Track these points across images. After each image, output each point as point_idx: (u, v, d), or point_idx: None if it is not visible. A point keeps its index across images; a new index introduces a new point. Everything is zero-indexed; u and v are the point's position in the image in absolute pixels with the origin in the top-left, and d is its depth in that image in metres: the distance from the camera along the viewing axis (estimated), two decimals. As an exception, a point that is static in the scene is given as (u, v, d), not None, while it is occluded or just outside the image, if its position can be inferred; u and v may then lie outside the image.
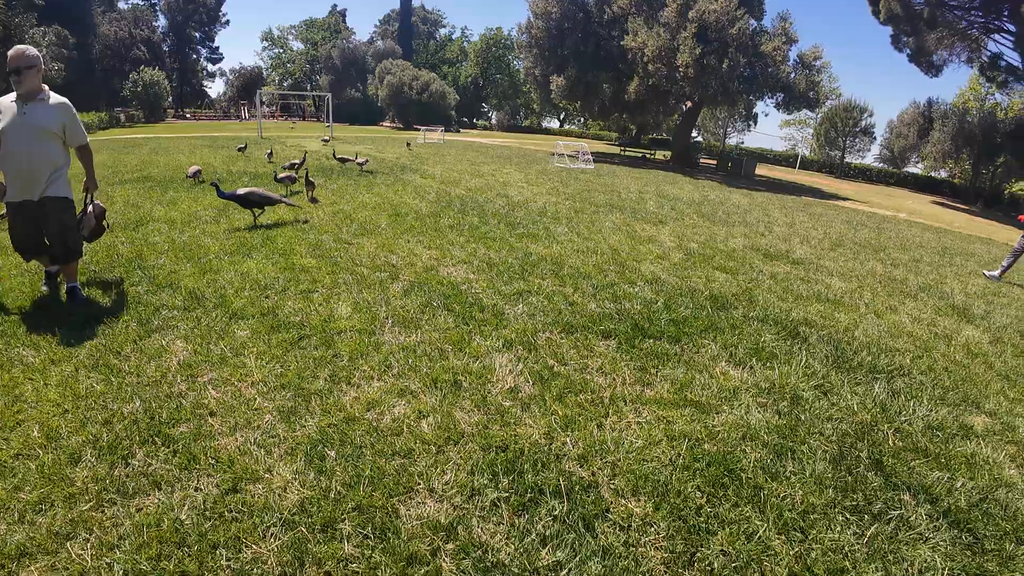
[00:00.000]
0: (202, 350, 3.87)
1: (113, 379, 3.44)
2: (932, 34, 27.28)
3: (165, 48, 62.10)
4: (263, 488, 2.58)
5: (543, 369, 3.70)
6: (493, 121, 70.54)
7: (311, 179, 9.57)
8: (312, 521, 2.37)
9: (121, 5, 55.06)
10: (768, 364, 4.11)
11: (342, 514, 2.41)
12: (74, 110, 4.45)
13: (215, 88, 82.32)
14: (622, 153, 33.34)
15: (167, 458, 2.77)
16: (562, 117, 72.51)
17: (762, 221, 11.75)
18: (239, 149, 17.92)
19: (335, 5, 77.30)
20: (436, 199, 10.30)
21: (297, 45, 76.01)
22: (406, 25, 69.07)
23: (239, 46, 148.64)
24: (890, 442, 3.40)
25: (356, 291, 5.09)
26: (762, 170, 33.64)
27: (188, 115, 62.62)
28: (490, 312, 4.63)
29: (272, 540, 2.27)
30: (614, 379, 3.66)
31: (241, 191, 7.16)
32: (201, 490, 2.56)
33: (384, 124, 56.64)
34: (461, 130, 53.18)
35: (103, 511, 2.38)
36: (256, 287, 5.14)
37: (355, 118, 56.97)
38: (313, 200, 9.57)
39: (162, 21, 63.69)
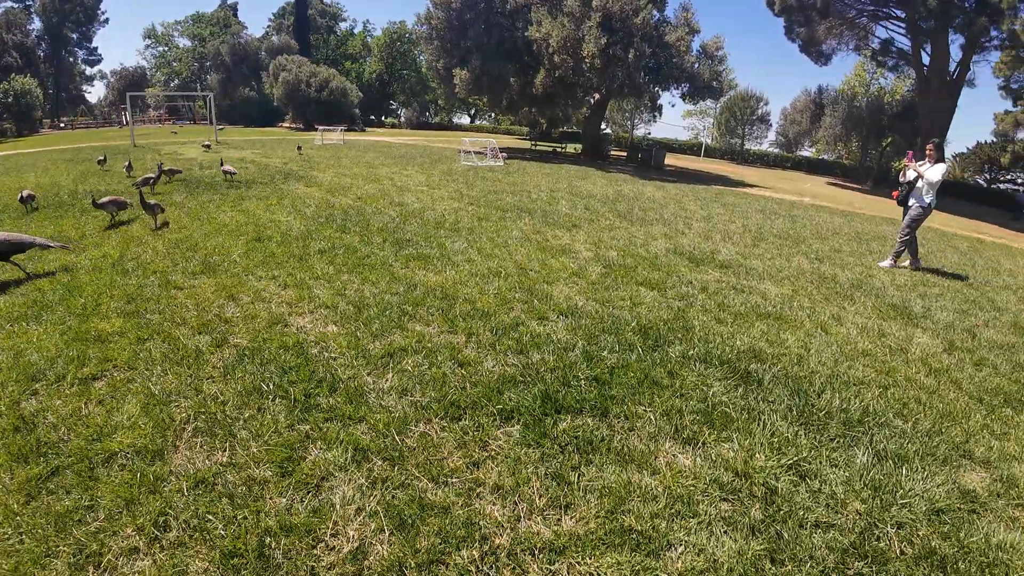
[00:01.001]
0: None
1: None
2: (823, 24, 28.37)
3: (40, 53, 54.83)
4: None
5: (409, 502, 2.41)
6: (402, 119, 68.04)
7: (150, 201, 7.68)
8: None
9: None
10: (724, 435, 3.05)
11: None
12: None
13: (95, 92, 73.80)
14: (533, 148, 32.56)
15: None
16: (472, 113, 71.13)
17: (680, 217, 11.06)
18: (99, 162, 15.38)
19: None
20: (315, 213, 8.72)
21: (183, 42, 69.67)
22: (302, 19, 64.92)
23: (120, 45, 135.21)
24: (897, 550, 2.44)
25: (159, 372, 3.58)
26: (670, 160, 34.01)
27: (63, 124, 55.89)
28: (344, 394, 3.27)
29: None
30: (516, 505, 2.45)
31: None
32: None
33: (283, 125, 52.89)
34: (367, 129, 50.59)
35: None
36: (23, 377, 3.55)
37: (250, 119, 52.81)
38: (162, 226, 7.75)
39: (36, 23, 56.32)
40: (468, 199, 11.04)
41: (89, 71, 67.98)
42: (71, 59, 62.75)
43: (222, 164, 12.40)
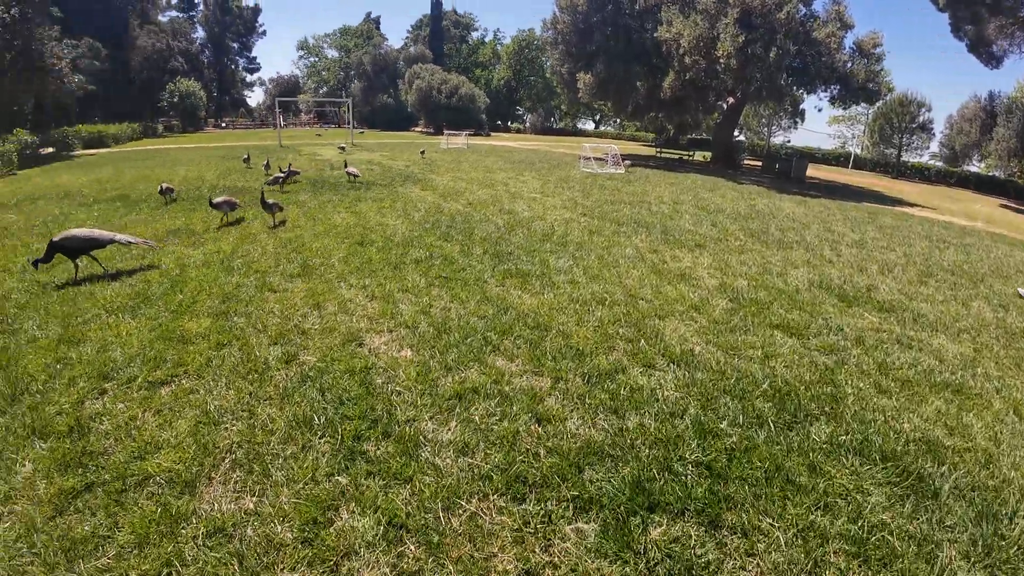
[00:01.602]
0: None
1: None
2: (993, 22, 24.03)
3: (204, 59, 62.89)
4: None
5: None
6: (527, 124, 68.77)
7: (269, 201, 7.96)
8: None
9: (161, 18, 55.83)
10: (888, 577, 2.16)
11: None
12: None
13: (255, 97, 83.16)
14: (658, 155, 31.04)
15: None
16: (597, 118, 70.04)
17: (825, 240, 9.54)
18: (243, 160, 16.84)
19: (369, 13, 77.48)
20: (423, 218, 8.57)
21: (332, 53, 76.06)
22: (436, 30, 68.11)
23: (277, 55, 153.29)
24: None
25: (222, 385, 3.39)
26: (812, 171, 30.73)
27: (224, 124, 63.52)
28: (397, 442, 2.81)
29: None
30: (578, 654, 1.80)
31: (56, 238, 5.35)
32: None
33: (415, 129, 55.74)
34: (492, 134, 51.63)
35: None
36: (99, 373, 3.57)
37: (387, 124, 56.39)
38: (279, 224, 8.00)
39: (200, 32, 64.80)
40: (582, 209, 10.39)
41: (249, 78, 76.62)
42: (232, 66, 71.01)
43: (345, 166, 12.85)
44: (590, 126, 71.88)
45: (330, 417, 3.01)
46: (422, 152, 19.89)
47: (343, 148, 23.36)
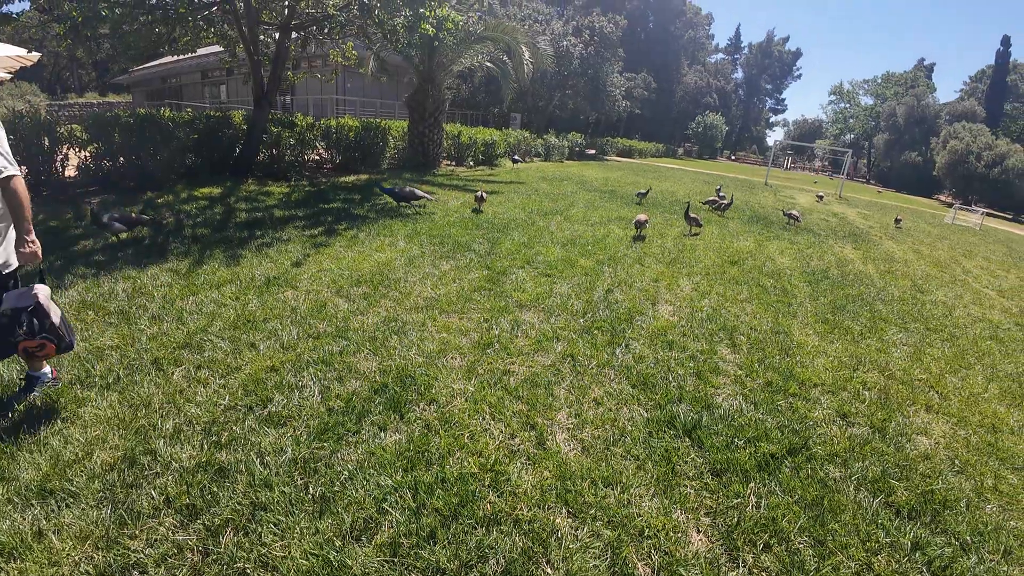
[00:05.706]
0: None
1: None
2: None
3: (735, 97, 69.62)
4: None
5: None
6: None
7: (692, 215, 10.14)
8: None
9: (709, 59, 65.05)
10: None
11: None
12: None
13: (774, 136, 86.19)
14: None
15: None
16: None
17: None
18: (716, 189, 19.09)
19: (922, 59, 68.93)
20: (816, 267, 8.84)
21: (867, 100, 70.80)
22: (998, 84, 56.15)
23: (806, 98, 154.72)
24: None
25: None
26: None
27: (733, 157, 69.14)
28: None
29: None
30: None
31: (397, 189, 9.14)
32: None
33: (938, 198, 47.20)
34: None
35: None
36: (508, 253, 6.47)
37: (907, 185, 50.10)
38: (693, 235, 10.06)
39: (739, 73, 71.88)
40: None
41: (773, 118, 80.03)
42: (760, 106, 75.72)
43: (785, 211, 13.62)
44: None
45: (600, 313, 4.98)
46: (897, 220, 17.74)
47: (821, 198, 23.12)
